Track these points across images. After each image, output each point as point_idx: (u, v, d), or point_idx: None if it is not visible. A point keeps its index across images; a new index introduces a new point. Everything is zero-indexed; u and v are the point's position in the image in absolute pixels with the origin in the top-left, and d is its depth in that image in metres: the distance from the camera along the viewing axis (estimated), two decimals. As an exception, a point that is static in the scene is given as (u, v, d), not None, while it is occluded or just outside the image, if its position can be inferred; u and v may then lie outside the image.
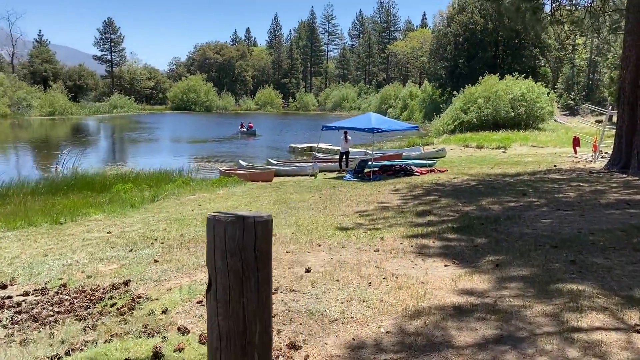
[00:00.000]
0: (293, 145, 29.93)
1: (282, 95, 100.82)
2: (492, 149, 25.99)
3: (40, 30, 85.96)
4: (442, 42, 61.21)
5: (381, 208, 9.98)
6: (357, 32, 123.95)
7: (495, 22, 55.06)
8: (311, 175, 17.50)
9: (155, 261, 6.45)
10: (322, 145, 27.00)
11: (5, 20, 78.58)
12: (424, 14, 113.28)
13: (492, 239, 6.99)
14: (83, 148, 33.37)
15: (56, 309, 4.91)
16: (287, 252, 6.71)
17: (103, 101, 77.57)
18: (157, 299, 5.04)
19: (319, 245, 6.98)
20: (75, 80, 78.83)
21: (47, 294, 5.40)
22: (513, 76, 38.09)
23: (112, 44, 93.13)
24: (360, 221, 8.71)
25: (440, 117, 43.34)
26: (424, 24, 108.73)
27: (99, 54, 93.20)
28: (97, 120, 62.45)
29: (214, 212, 2.04)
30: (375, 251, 6.58)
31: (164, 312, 4.68)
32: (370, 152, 19.93)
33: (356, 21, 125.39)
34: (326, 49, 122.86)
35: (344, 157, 19.01)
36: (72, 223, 9.44)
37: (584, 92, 53.67)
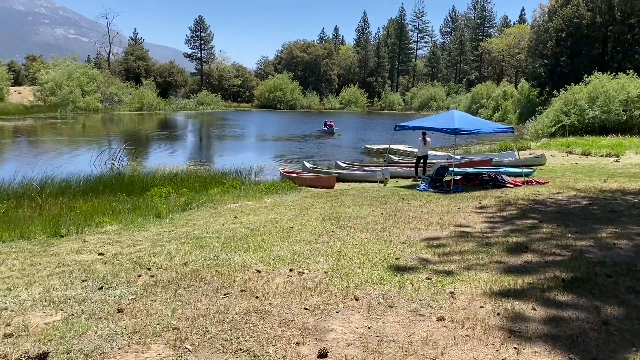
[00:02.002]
0: (368, 146, 27.37)
1: (367, 94, 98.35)
2: (601, 156, 22.16)
3: (135, 29, 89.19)
4: (542, 38, 55.99)
5: (459, 235, 7.51)
6: (449, 29, 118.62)
7: (604, 16, 49.43)
8: (380, 182, 15.08)
9: (119, 311, 4.52)
10: (399, 147, 24.45)
11: (103, 19, 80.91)
12: (523, 9, 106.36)
13: (632, 309, 4.39)
14: (158, 143, 33.09)
15: None
16: (305, 308, 4.53)
17: (191, 98, 79.12)
18: (55, 404, 3.04)
19: (356, 300, 4.73)
20: (165, 77, 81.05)
21: None
22: (627, 74, 33.27)
23: (202, 42, 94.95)
24: (427, 255, 6.34)
25: (537, 118, 39.15)
26: (522, 20, 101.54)
27: (190, 51, 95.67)
28: (183, 116, 63.43)
29: None
30: (438, 320, 4.23)
31: None
32: (453, 157, 17.19)
33: (448, 18, 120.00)
34: (415, 46, 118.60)
35: (421, 162, 16.41)
36: (75, 235, 7.83)
37: None
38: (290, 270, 5.74)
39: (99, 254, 6.62)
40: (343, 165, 18.52)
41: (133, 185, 12.74)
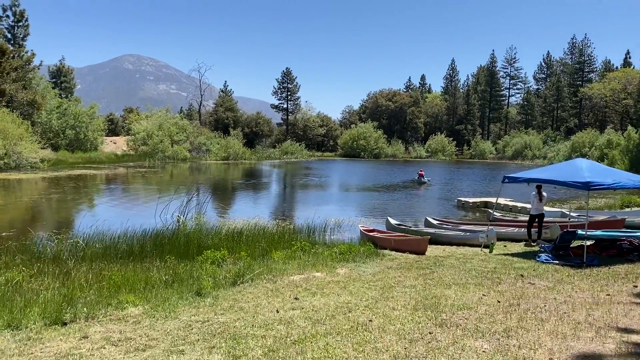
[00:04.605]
0: (462, 199, 24.00)
1: (456, 142, 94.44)
2: None
3: (225, 81, 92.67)
4: (654, 79, 50.72)
5: (633, 352, 4.73)
6: (543, 75, 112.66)
7: None
8: (484, 248, 12.19)
9: None
10: (500, 201, 21.30)
11: (196, 72, 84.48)
12: (628, 52, 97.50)
13: None
14: (238, 192, 31.97)
15: None
16: None
17: (276, 147, 79.66)
18: None
19: None
20: (252, 127, 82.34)
21: None
22: None
23: (289, 93, 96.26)
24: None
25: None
26: (627, 63, 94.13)
27: (277, 102, 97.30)
28: (269, 165, 63.20)
29: None
30: None
31: None
32: (575, 216, 13.97)
33: (543, 64, 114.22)
34: (507, 93, 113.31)
35: (536, 221, 13.30)
36: (81, 323, 5.90)
37: None
38: None
39: (87, 364, 4.56)
40: (434, 222, 15.73)
41: (189, 245, 10.90)
